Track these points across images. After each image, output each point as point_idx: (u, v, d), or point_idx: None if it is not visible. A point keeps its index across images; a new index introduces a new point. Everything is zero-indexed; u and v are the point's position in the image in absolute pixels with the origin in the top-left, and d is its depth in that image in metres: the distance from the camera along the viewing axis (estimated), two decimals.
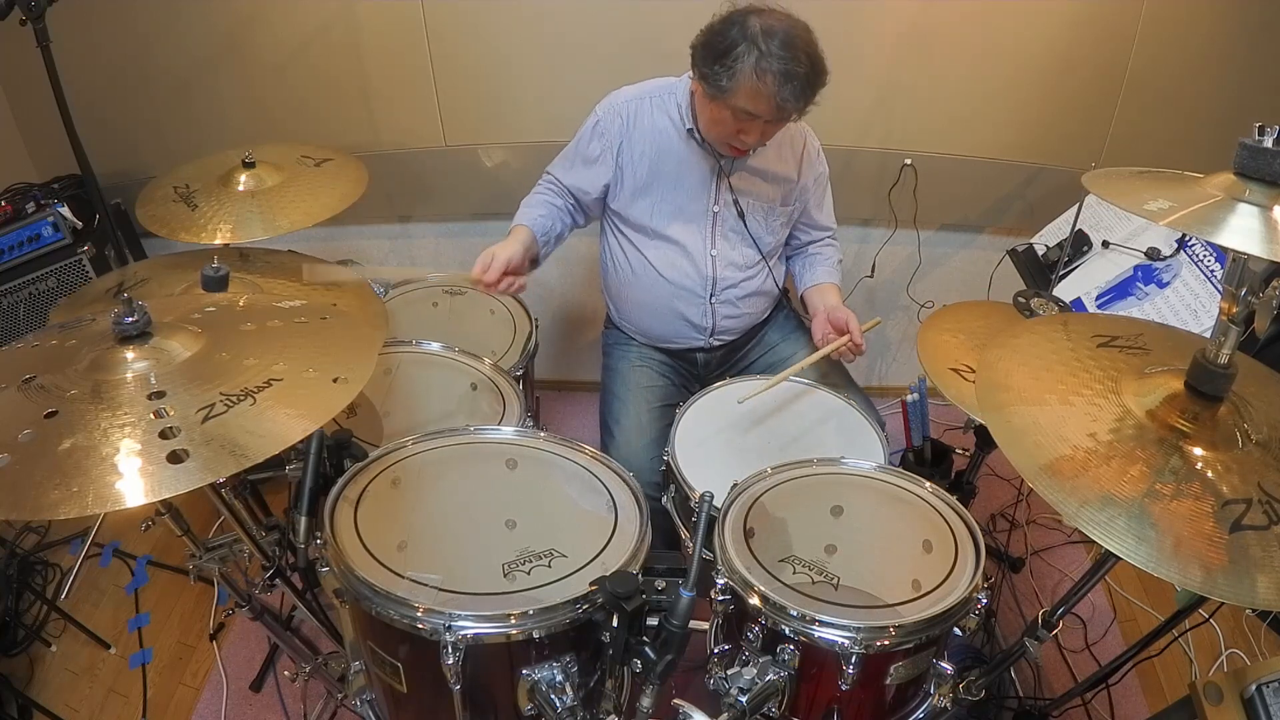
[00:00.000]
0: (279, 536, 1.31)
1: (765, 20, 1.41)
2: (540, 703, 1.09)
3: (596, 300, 1.98)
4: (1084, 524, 0.86)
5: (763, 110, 1.44)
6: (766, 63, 1.39)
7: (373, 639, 1.13)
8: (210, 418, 0.89)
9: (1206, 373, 0.94)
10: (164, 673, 1.87)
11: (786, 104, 1.42)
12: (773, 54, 1.38)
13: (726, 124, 1.51)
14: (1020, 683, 1.82)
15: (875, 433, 1.56)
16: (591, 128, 1.69)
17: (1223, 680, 1.14)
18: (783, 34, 1.39)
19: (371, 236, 2.50)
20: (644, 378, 1.81)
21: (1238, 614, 1.99)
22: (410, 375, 1.68)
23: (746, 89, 1.42)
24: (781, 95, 1.40)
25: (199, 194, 1.67)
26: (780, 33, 1.40)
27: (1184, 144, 2.13)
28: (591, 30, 2.07)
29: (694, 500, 1.38)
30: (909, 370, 2.71)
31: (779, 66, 1.38)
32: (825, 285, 1.82)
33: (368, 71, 2.16)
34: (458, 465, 1.34)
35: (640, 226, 1.72)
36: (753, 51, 1.39)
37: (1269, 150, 0.85)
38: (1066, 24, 2.03)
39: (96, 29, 2.07)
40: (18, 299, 2.01)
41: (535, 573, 1.28)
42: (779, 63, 1.38)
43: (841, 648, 1.07)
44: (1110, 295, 1.71)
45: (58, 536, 2.16)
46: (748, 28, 1.41)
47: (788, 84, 1.40)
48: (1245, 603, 0.88)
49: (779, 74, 1.39)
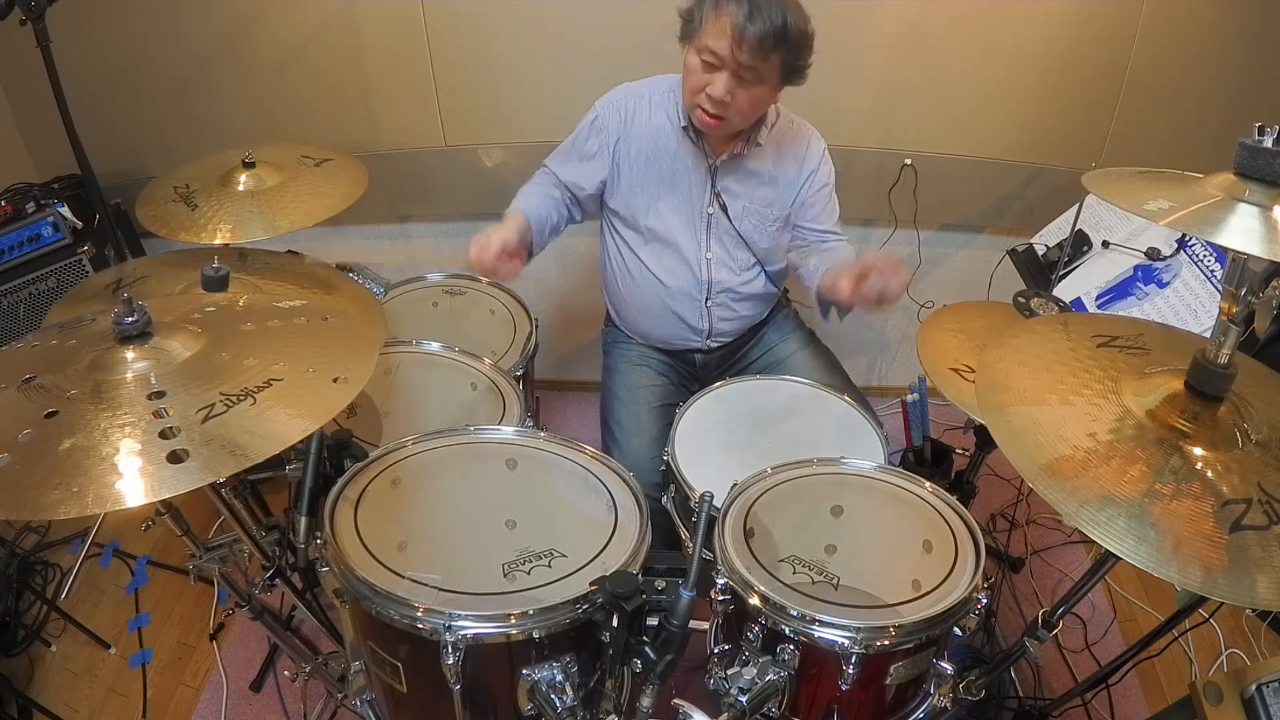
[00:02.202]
0: (279, 536, 1.31)
1: None
2: (540, 703, 1.09)
3: (596, 300, 1.98)
4: (1084, 524, 0.86)
5: (723, 48, 1.40)
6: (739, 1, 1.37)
7: (373, 639, 1.13)
8: (210, 418, 0.89)
9: (1206, 373, 0.94)
10: (164, 673, 1.87)
11: (747, 33, 1.38)
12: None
13: (695, 75, 1.48)
14: (1020, 683, 1.82)
15: (875, 433, 1.56)
16: (590, 123, 1.68)
17: (1223, 680, 1.14)
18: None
19: (371, 236, 2.50)
20: (644, 377, 1.81)
21: (1238, 614, 1.99)
22: (410, 375, 1.68)
23: (711, 24, 1.41)
24: (743, 30, 1.37)
25: (199, 194, 1.67)
26: None
27: (1184, 144, 2.13)
28: (591, 30, 2.07)
29: (694, 500, 1.38)
30: (909, 370, 2.71)
31: (748, 7, 1.37)
32: (843, 261, 1.79)
33: (368, 71, 2.16)
34: (458, 465, 1.34)
35: (637, 226, 1.72)
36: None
37: (1269, 150, 0.85)
38: (1066, 24, 2.03)
39: (96, 29, 2.07)
40: (18, 299, 2.01)
41: (535, 573, 1.28)
42: (749, 4, 1.37)
43: (841, 648, 1.07)
44: (1110, 295, 1.71)
45: (58, 536, 2.16)
46: None
47: (750, 24, 1.37)
48: (1245, 603, 0.88)
49: (746, 9, 1.37)
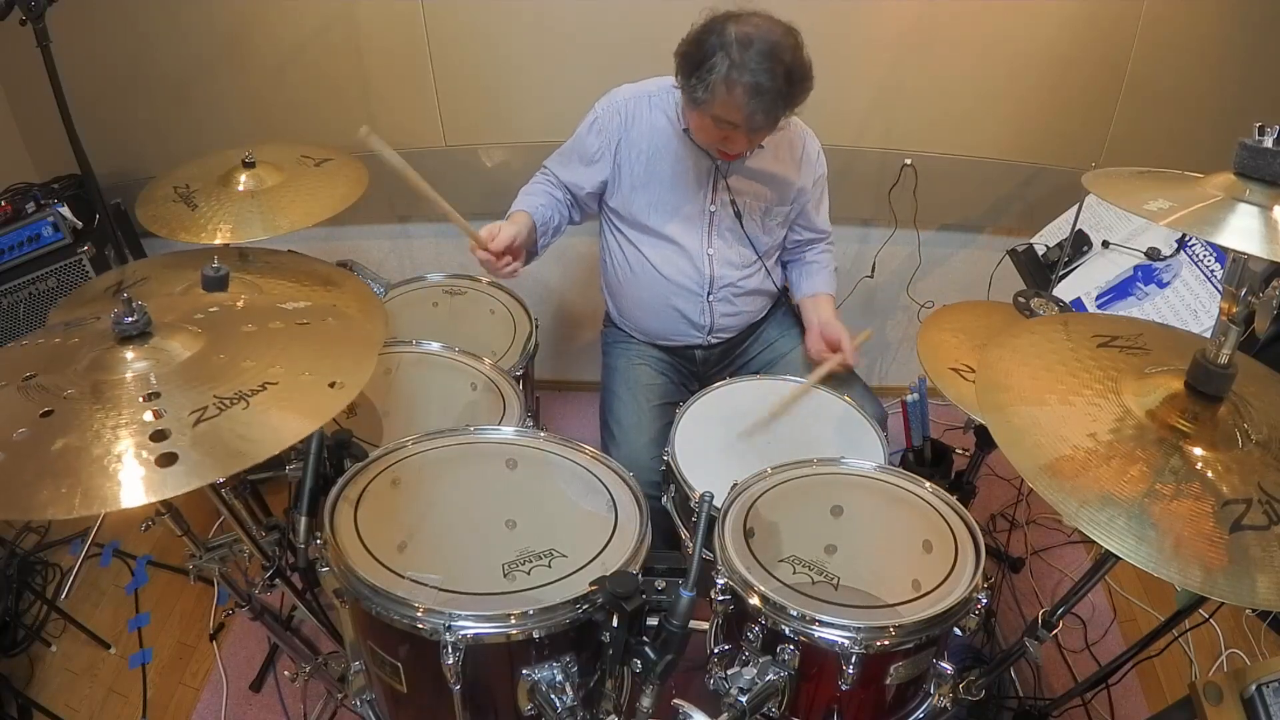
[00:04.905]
0: (279, 536, 1.31)
1: (742, 28, 1.39)
2: (540, 703, 1.09)
3: (596, 300, 1.98)
4: (1084, 524, 0.86)
5: (737, 120, 1.43)
6: (737, 74, 1.37)
7: (373, 639, 1.13)
8: (202, 420, 0.88)
9: (1206, 373, 0.94)
10: (164, 673, 1.87)
11: (756, 117, 1.40)
12: (745, 65, 1.36)
13: (710, 132, 1.51)
14: (1020, 683, 1.82)
15: (875, 433, 1.56)
16: (590, 124, 1.68)
17: (1223, 680, 1.14)
18: (759, 43, 1.37)
19: (371, 236, 2.50)
20: (644, 376, 1.81)
21: (1238, 614, 1.99)
22: (410, 375, 1.68)
23: (720, 100, 1.41)
24: (751, 108, 1.39)
25: (199, 194, 1.67)
26: (757, 41, 1.37)
27: (1184, 144, 2.13)
28: (591, 30, 2.07)
29: (694, 500, 1.38)
30: (909, 370, 2.71)
31: (750, 79, 1.36)
32: (821, 296, 1.82)
33: (368, 71, 2.16)
34: (458, 465, 1.34)
35: (637, 224, 1.72)
36: (725, 62, 1.37)
37: (1269, 150, 0.85)
38: (1066, 24, 2.03)
39: (96, 29, 2.07)
40: (18, 299, 2.01)
41: (535, 573, 1.28)
42: (750, 75, 1.36)
43: (841, 648, 1.07)
44: (1110, 295, 1.71)
45: (58, 536, 2.15)
46: (724, 35, 1.39)
47: (757, 97, 1.38)
48: (1245, 603, 0.88)
49: (749, 87, 1.37)
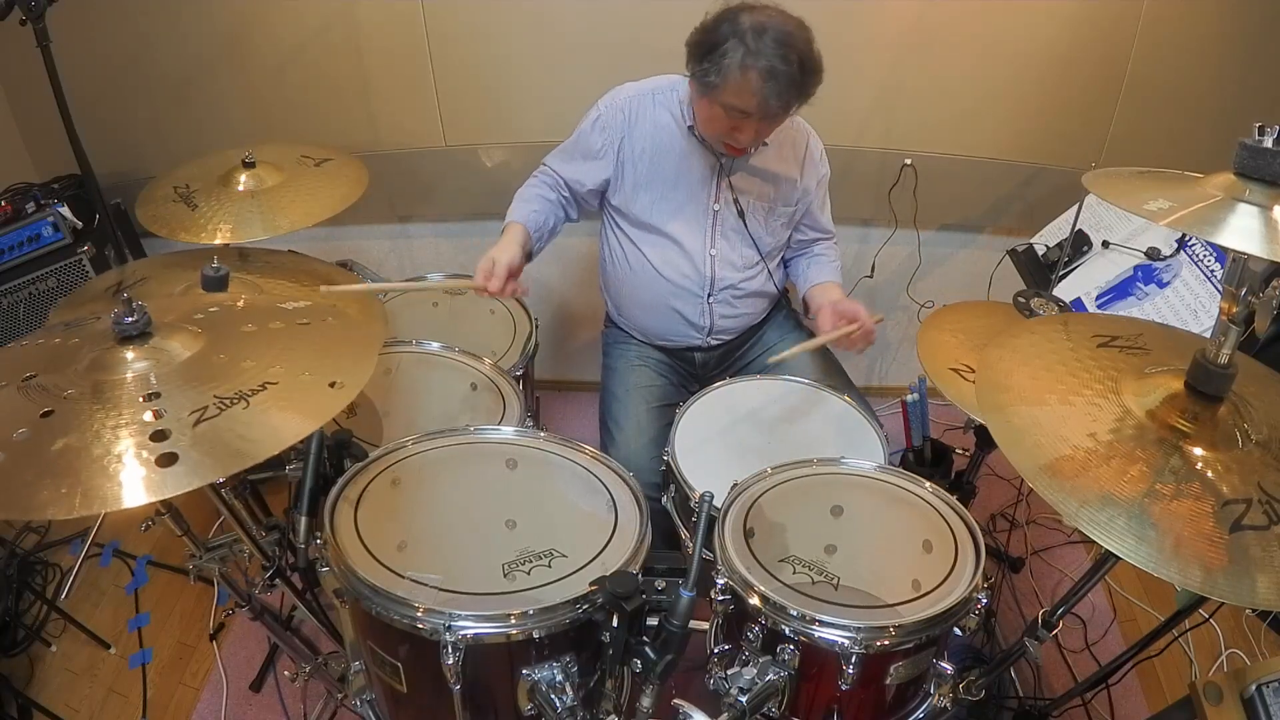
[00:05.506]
0: (279, 536, 1.31)
1: (756, 17, 1.40)
2: (540, 703, 1.09)
3: (596, 300, 1.98)
4: (1084, 524, 0.86)
5: (749, 107, 1.43)
6: (752, 59, 1.38)
7: (373, 639, 1.13)
8: (202, 420, 0.88)
9: (1206, 373, 0.94)
10: (164, 673, 1.87)
11: (770, 101, 1.41)
12: (760, 51, 1.37)
13: (719, 121, 1.50)
14: (1020, 683, 1.82)
15: (875, 433, 1.56)
16: (593, 122, 1.68)
17: (1223, 680, 1.14)
18: (773, 31, 1.38)
19: (371, 237, 2.50)
20: (643, 377, 1.81)
21: (1238, 614, 1.99)
22: (410, 375, 1.68)
23: (733, 85, 1.41)
24: (765, 92, 1.39)
25: (199, 194, 1.67)
26: (771, 29, 1.38)
27: (1184, 144, 2.13)
28: (591, 30, 2.07)
29: (694, 500, 1.38)
30: (909, 370, 2.71)
31: (765, 64, 1.37)
32: (828, 283, 1.81)
33: (368, 71, 2.16)
34: (458, 465, 1.34)
35: (640, 223, 1.72)
36: (740, 48, 1.38)
37: (1269, 150, 0.85)
38: (1066, 24, 2.03)
39: (96, 29, 2.07)
40: (18, 299, 2.01)
41: (535, 573, 1.28)
42: (765, 60, 1.37)
43: (841, 648, 1.07)
44: (1110, 295, 1.71)
45: (58, 536, 2.15)
46: (738, 24, 1.40)
47: (772, 81, 1.38)
48: (1245, 603, 0.88)
49: (764, 70, 1.38)
